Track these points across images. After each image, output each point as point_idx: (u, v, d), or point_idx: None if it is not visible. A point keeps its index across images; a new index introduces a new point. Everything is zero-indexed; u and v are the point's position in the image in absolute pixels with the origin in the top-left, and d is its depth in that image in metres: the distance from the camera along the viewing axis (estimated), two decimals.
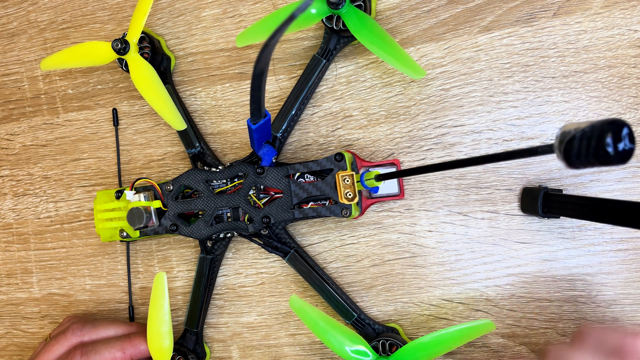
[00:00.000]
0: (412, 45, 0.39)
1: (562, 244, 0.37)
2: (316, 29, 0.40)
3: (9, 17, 0.46)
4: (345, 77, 0.40)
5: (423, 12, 0.38)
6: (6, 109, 0.46)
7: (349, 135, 0.40)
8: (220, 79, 0.42)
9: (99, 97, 0.44)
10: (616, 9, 0.36)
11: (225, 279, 0.42)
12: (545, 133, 0.37)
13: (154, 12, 0.43)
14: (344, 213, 0.35)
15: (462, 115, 0.38)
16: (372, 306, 0.39)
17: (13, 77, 0.46)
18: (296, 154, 0.40)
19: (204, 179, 0.38)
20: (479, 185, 0.38)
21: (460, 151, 0.38)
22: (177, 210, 0.38)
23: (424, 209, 0.38)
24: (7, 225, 0.46)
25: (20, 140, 0.46)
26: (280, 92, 0.41)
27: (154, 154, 0.43)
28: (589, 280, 0.36)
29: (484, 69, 0.37)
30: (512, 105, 0.37)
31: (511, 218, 0.37)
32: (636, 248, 0.36)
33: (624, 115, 0.36)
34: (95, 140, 0.44)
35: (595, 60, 0.36)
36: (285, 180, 0.37)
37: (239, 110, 0.42)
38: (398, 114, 0.39)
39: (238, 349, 0.41)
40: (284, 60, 0.41)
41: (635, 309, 0.36)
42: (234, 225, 0.38)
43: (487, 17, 0.37)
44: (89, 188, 0.44)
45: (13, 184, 0.46)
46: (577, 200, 0.33)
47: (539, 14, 0.37)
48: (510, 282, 0.37)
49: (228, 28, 0.42)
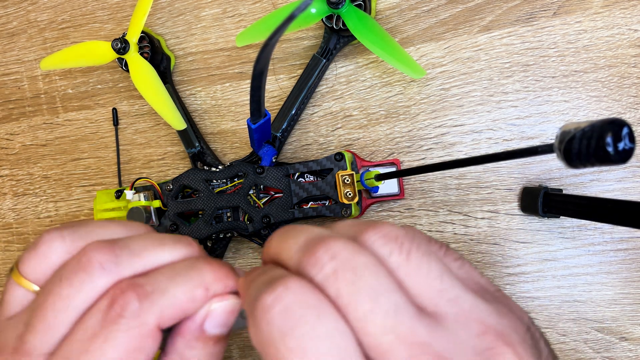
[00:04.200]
0: (412, 44, 0.39)
1: (562, 244, 0.37)
2: (316, 28, 0.40)
3: (9, 17, 0.46)
4: (345, 77, 0.40)
5: (423, 12, 0.38)
6: (6, 109, 0.46)
7: (349, 134, 0.40)
8: (220, 79, 0.42)
9: (98, 96, 0.44)
10: (616, 9, 0.36)
11: None
12: (545, 133, 0.37)
13: (153, 12, 0.43)
14: (344, 213, 0.35)
15: (462, 115, 0.38)
16: None
17: (13, 77, 0.46)
18: (296, 153, 0.40)
19: (203, 179, 0.38)
20: (479, 185, 0.38)
21: (460, 151, 0.38)
22: (177, 209, 0.38)
23: (424, 209, 0.38)
24: (7, 225, 0.46)
25: (20, 140, 0.46)
26: (280, 91, 0.41)
27: (153, 153, 0.43)
28: (589, 280, 0.36)
29: (484, 68, 0.37)
30: (512, 104, 0.37)
31: (511, 218, 0.37)
32: (636, 248, 0.36)
33: (624, 114, 0.36)
34: (95, 140, 0.44)
35: (595, 59, 0.36)
36: (285, 180, 0.36)
37: (239, 110, 0.42)
38: (398, 114, 0.39)
39: (238, 349, 0.41)
40: (284, 59, 0.41)
41: (635, 309, 0.36)
42: (233, 225, 0.38)
43: (487, 17, 0.37)
44: (88, 188, 0.44)
45: (13, 184, 0.46)
46: (577, 200, 0.33)
47: (539, 14, 0.37)
48: (510, 282, 0.37)
49: (228, 28, 0.42)
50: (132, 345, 0.18)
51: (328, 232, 0.19)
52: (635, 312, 0.36)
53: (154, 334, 0.19)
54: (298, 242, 0.18)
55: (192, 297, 0.20)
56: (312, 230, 0.19)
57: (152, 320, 0.19)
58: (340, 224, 0.20)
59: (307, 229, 0.19)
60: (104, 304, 0.19)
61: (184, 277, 0.20)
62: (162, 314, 0.19)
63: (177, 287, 0.20)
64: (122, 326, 0.18)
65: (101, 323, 0.18)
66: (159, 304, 0.19)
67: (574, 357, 0.36)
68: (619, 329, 0.36)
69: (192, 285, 0.20)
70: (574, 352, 0.36)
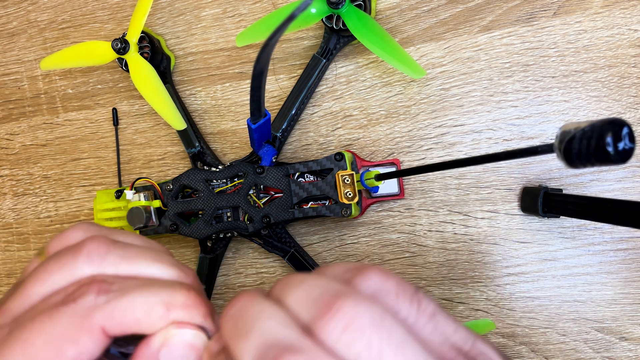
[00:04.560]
0: (412, 44, 0.39)
1: (562, 244, 0.37)
2: (316, 28, 0.40)
3: (9, 17, 0.46)
4: (345, 77, 0.40)
5: (423, 12, 0.38)
6: (6, 109, 0.46)
7: (349, 134, 0.40)
8: (220, 79, 0.42)
9: (98, 96, 0.44)
10: (616, 9, 0.36)
11: (225, 278, 0.42)
12: (545, 132, 0.37)
13: (153, 12, 0.43)
14: (344, 213, 0.35)
15: (462, 115, 0.38)
16: None
17: (13, 77, 0.46)
18: (296, 153, 0.40)
19: (203, 179, 0.38)
20: (479, 185, 0.38)
21: (460, 151, 0.38)
22: (177, 209, 0.38)
23: (424, 209, 0.38)
24: (7, 225, 0.46)
25: (20, 140, 0.46)
26: (280, 91, 0.41)
27: (153, 153, 0.43)
28: (589, 280, 0.36)
29: (484, 68, 0.37)
30: (512, 104, 0.37)
31: (511, 218, 0.37)
32: (636, 248, 0.36)
33: (624, 114, 0.36)
34: (95, 139, 0.44)
35: (595, 59, 0.36)
36: (285, 180, 0.36)
37: (239, 110, 0.42)
38: (398, 114, 0.39)
39: None
40: (284, 59, 0.41)
41: (636, 309, 0.36)
42: (233, 224, 0.38)
43: (487, 17, 0.37)
44: (88, 188, 0.44)
45: (13, 184, 0.46)
46: (577, 199, 0.33)
47: (539, 14, 0.37)
48: (510, 282, 0.37)
49: (228, 27, 0.42)
50: (66, 333, 0.18)
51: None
52: (635, 312, 0.36)
53: (94, 333, 0.18)
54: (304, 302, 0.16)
55: (149, 310, 0.18)
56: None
57: (98, 317, 0.18)
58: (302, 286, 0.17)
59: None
60: (71, 289, 0.19)
61: (152, 289, 0.19)
62: (111, 316, 0.18)
63: (139, 295, 0.19)
64: (68, 311, 0.18)
65: (57, 303, 0.18)
66: (112, 304, 0.18)
67: (574, 357, 0.36)
68: (619, 329, 0.36)
69: (155, 300, 0.19)
70: (574, 352, 0.36)
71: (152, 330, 0.18)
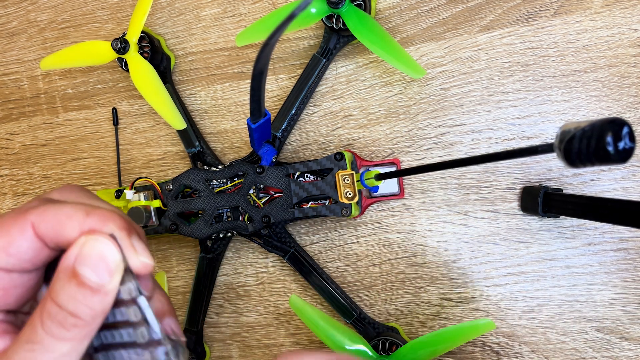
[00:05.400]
0: (412, 44, 0.39)
1: (562, 244, 0.37)
2: (316, 28, 0.40)
3: (9, 17, 0.46)
4: (345, 77, 0.40)
5: (423, 12, 0.38)
6: (6, 109, 0.46)
7: (349, 134, 0.40)
8: (220, 79, 0.42)
9: (98, 96, 0.44)
10: (616, 8, 0.36)
11: (225, 278, 0.42)
12: (545, 132, 0.37)
13: (153, 12, 0.43)
14: (343, 212, 0.35)
15: (462, 115, 0.38)
16: (372, 305, 0.39)
17: (13, 77, 0.46)
18: (296, 153, 0.40)
19: (203, 179, 0.38)
20: (479, 185, 0.38)
21: (460, 150, 0.38)
22: (176, 209, 0.38)
23: (424, 209, 0.38)
24: None
25: (20, 140, 0.46)
26: (280, 91, 0.41)
27: (153, 153, 0.43)
28: (589, 279, 0.36)
29: (484, 68, 0.37)
30: (512, 104, 0.37)
31: (511, 217, 0.37)
32: (636, 248, 0.36)
33: (624, 114, 0.36)
34: (95, 139, 0.44)
35: (596, 59, 0.36)
36: (285, 180, 0.36)
37: (239, 110, 0.42)
38: (398, 114, 0.39)
39: (238, 349, 0.41)
40: (284, 59, 0.41)
41: (636, 309, 0.36)
42: (233, 224, 0.38)
43: (487, 17, 0.37)
44: (88, 187, 0.44)
45: (13, 184, 0.46)
46: (577, 199, 0.33)
47: (539, 13, 0.37)
48: (510, 282, 0.37)
49: (228, 27, 0.42)
50: (5, 224, 0.20)
51: None
52: (635, 312, 0.36)
53: (25, 227, 0.20)
54: None
55: (71, 214, 0.21)
56: None
57: (31, 216, 0.20)
58: None
59: None
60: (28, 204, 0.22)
61: (82, 205, 0.21)
62: (41, 215, 0.20)
63: (69, 205, 0.21)
64: (13, 211, 0.21)
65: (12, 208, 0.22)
66: (46, 207, 0.21)
67: (574, 356, 0.36)
68: (619, 329, 0.36)
69: (80, 208, 0.21)
70: (574, 352, 0.36)
71: (72, 235, 0.20)
